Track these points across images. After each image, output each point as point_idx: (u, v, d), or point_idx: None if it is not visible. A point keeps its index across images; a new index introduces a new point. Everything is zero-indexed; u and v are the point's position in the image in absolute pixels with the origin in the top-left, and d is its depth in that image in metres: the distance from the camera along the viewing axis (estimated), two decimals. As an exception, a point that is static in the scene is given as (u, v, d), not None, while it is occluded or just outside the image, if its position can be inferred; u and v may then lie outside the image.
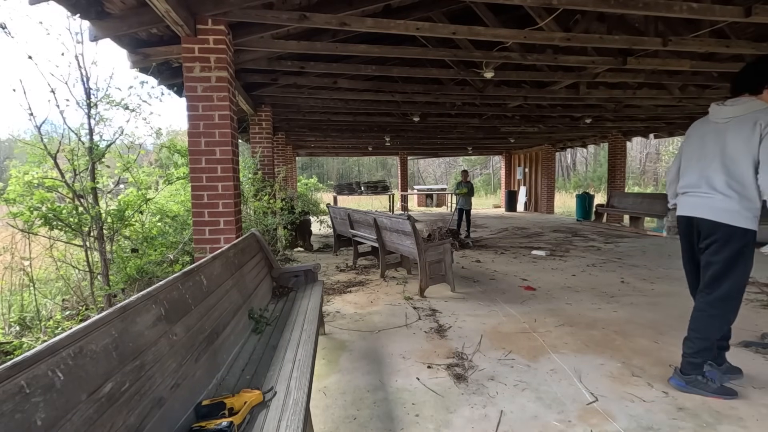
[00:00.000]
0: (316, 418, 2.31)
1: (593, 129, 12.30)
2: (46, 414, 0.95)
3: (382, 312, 4.22)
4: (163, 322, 1.54)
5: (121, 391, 1.20)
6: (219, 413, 1.51)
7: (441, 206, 20.52)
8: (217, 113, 3.70)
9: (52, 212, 3.34)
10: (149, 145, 4.85)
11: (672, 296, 4.62)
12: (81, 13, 3.39)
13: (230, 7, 3.65)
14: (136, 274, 3.68)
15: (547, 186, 16.37)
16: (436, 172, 37.80)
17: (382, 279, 5.59)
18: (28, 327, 3.44)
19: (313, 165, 36.56)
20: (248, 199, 6.36)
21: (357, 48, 4.89)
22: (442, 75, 6.21)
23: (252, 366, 2.04)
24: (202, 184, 3.73)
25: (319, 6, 4.17)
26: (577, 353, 3.14)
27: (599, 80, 6.47)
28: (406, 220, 4.85)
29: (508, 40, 4.65)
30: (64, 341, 1.07)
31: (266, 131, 7.41)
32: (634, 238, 9.36)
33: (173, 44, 4.16)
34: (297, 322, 2.62)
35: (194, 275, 1.97)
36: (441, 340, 3.44)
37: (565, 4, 3.95)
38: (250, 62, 5.31)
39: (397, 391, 2.63)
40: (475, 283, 5.32)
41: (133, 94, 3.73)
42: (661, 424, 2.23)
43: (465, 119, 10.36)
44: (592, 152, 30.70)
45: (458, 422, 2.28)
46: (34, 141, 3.45)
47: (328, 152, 20.22)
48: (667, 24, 5.01)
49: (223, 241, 3.73)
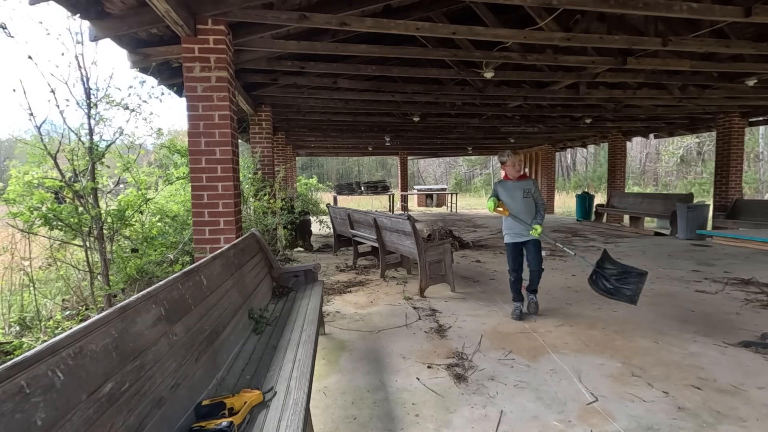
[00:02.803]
0: (316, 418, 2.31)
1: (593, 129, 12.30)
2: (46, 414, 0.95)
3: (382, 312, 4.22)
4: (163, 322, 1.54)
5: (121, 391, 1.20)
6: (219, 413, 1.51)
7: (441, 206, 20.51)
8: (217, 113, 3.70)
9: (52, 212, 3.33)
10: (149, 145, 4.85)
11: (672, 296, 4.62)
12: (81, 13, 3.39)
13: (230, 7, 3.65)
14: (136, 274, 3.68)
15: (547, 186, 16.37)
16: (436, 172, 37.80)
17: (382, 279, 5.59)
18: (28, 327, 3.44)
19: (313, 165, 36.56)
20: (248, 198, 6.36)
21: (357, 48, 4.89)
22: (442, 75, 6.21)
23: (252, 366, 2.04)
24: (202, 184, 3.73)
25: (319, 6, 4.17)
26: (577, 353, 3.14)
27: (599, 80, 6.47)
28: (406, 220, 4.85)
29: (508, 40, 4.66)
30: (64, 341, 1.07)
31: (266, 131, 7.41)
32: (634, 238, 9.35)
33: (173, 44, 4.16)
34: (297, 322, 2.62)
35: (194, 275, 1.97)
36: (441, 340, 3.44)
37: (565, 4, 3.95)
38: (250, 62, 5.31)
39: (397, 391, 2.63)
40: (475, 283, 5.31)
41: (133, 94, 3.72)
42: (661, 424, 2.23)
43: (465, 119, 10.36)
44: (592, 152, 30.69)
45: (458, 422, 2.28)
46: (34, 141, 3.45)
47: (328, 152, 20.22)
48: (667, 24, 5.01)
49: (223, 241, 3.73)
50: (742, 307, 4.21)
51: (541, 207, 3.98)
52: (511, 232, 4.00)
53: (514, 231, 3.98)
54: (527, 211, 3.94)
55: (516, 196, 3.94)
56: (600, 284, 3.66)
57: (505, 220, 4.02)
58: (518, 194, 3.94)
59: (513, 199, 3.94)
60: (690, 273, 5.71)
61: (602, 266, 3.69)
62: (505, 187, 4.02)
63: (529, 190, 3.96)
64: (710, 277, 5.43)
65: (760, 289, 4.79)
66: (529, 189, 3.97)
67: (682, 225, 8.80)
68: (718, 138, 9.78)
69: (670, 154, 27.05)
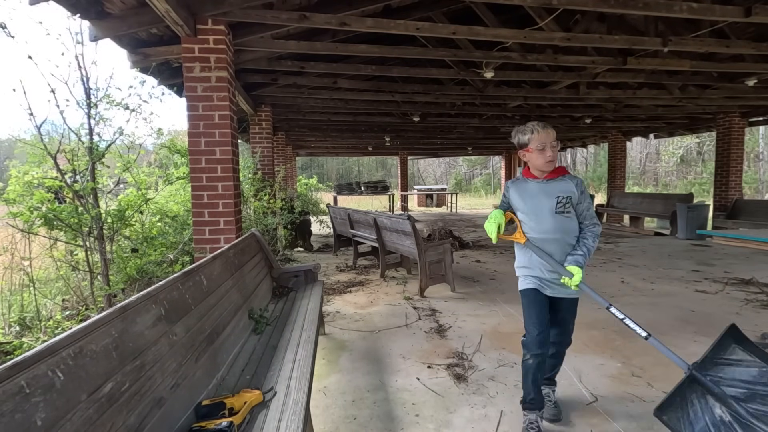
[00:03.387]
0: (316, 418, 2.31)
1: (593, 129, 12.30)
2: (46, 414, 0.95)
3: (382, 312, 4.22)
4: (163, 322, 1.54)
5: (121, 391, 1.20)
6: (219, 413, 1.51)
7: (441, 206, 20.51)
8: (217, 113, 3.70)
9: (53, 212, 3.33)
10: (149, 145, 4.85)
11: (672, 296, 4.62)
12: (81, 13, 3.39)
13: (230, 7, 3.65)
14: (136, 274, 3.68)
15: (547, 186, 16.35)
16: (436, 172, 37.79)
17: (382, 279, 5.59)
18: (28, 327, 3.44)
19: (313, 165, 36.55)
20: (248, 198, 6.36)
21: (357, 48, 4.89)
22: (442, 75, 6.21)
23: (252, 366, 2.04)
24: (202, 184, 3.73)
25: (319, 6, 4.17)
26: (577, 353, 3.14)
27: (599, 80, 6.47)
28: (406, 220, 4.85)
29: (508, 40, 4.66)
30: (64, 341, 1.07)
31: (266, 131, 7.41)
32: (634, 238, 9.35)
33: (173, 44, 4.16)
34: (297, 322, 2.62)
35: (194, 275, 1.97)
36: (441, 340, 3.44)
37: (565, 4, 3.95)
38: (250, 62, 5.31)
39: (397, 391, 2.63)
40: (475, 283, 5.31)
41: (133, 94, 3.72)
42: (662, 424, 2.23)
43: (465, 119, 10.36)
44: (592, 152, 30.69)
45: (458, 422, 2.28)
46: (34, 141, 3.45)
47: (328, 152, 20.22)
48: (667, 24, 5.01)
49: (223, 241, 3.73)
50: (742, 307, 4.21)
51: (590, 230, 2.17)
52: (530, 272, 2.22)
53: (535, 272, 2.20)
54: (562, 236, 2.13)
55: (543, 207, 2.15)
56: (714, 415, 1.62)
57: (519, 250, 2.28)
58: (548, 204, 2.14)
59: (538, 214, 2.16)
60: (690, 273, 5.71)
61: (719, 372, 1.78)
62: (524, 190, 2.23)
63: (570, 198, 2.14)
64: (710, 277, 5.42)
65: (760, 289, 4.79)
66: (569, 195, 2.14)
67: (682, 225, 8.80)
68: (718, 138, 9.78)
69: (670, 154, 27.05)
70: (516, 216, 2.25)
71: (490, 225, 2.19)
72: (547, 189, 2.17)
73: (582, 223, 2.18)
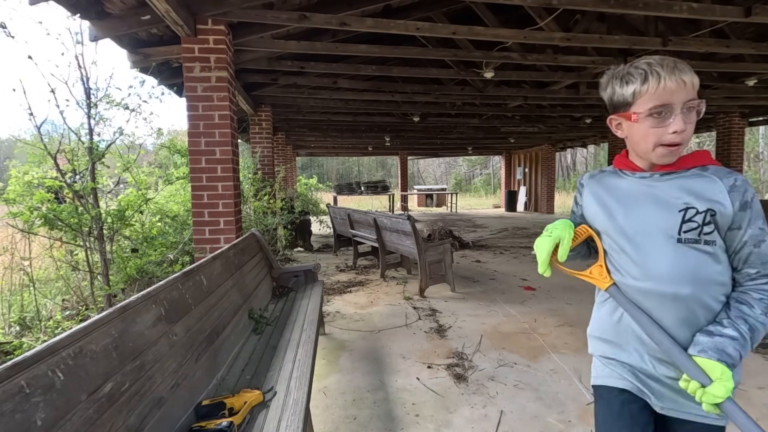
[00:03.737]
0: (316, 418, 2.31)
1: (593, 129, 12.30)
2: (46, 414, 0.95)
3: (382, 312, 4.22)
4: (163, 322, 1.54)
5: (121, 391, 1.20)
6: (219, 413, 1.51)
7: (441, 206, 20.51)
8: (217, 113, 3.70)
9: (53, 212, 3.34)
10: (149, 145, 4.85)
11: (672, 296, 4.61)
12: (81, 13, 3.39)
13: (230, 7, 3.65)
14: (136, 274, 3.68)
15: (547, 186, 16.37)
16: (436, 172, 37.80)
17: (382, 279, 5.59)
18: (28, 327, 3.44)
19: (313, 165, 36.56)
20: (248, 198, 6.36)
21: (357, 48, 4.89)
22: (442, 75, 6.21)
23: (252, 366, 2.04)
24: (202, 184, 3.73)
25: (319, 6, 4.17)
26: (577, 353, 3.14)
27: (599, 80, 6.47)
28: (406, 220, 4.85)
29: (508, 40, 4.65)
30: (64, 341, 1.07)
31: (266, 131, 7.41)
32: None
33: (173, 44, 4.16)
34: (297, 322, 2.62)
35: (194, 275, 1.97)
36: (441, 340, 3.44)
37: (565, 4, 3.95)
38: (250, 62, 5.31)
39: (397, 391, 2.63)
40: (475, 283, 5.31)
41: (133, 94, 3.73)
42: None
43: (465, 119, 10.36)
44: (592, 152, 30.70)
45: (458, 422, 2.28)
46: (34, 141, 3.45)
47: (328, 152, 20.22)
48: (667, 24, 5.01)
49: (223, 241, 3.73)
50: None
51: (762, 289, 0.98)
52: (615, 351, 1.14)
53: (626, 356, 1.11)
54: (693, 291, 0.98)
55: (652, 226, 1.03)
56: None
57: (600, 302, 1.24)
58: (662, 220, 1.01)
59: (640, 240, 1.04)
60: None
61: None
62: (613, 192, 1.12)
63: (712, 213, 0.96)
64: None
65: None
66: (709, 208, 0.96)
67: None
68: (718, 138, 9.78)
69: (670, 154, 26.99)
70: (598, 237, 1.16)
71: (542, 243, 1.15)
72: (662, 192, 1.04)
73: (741, 268, 1.01)
